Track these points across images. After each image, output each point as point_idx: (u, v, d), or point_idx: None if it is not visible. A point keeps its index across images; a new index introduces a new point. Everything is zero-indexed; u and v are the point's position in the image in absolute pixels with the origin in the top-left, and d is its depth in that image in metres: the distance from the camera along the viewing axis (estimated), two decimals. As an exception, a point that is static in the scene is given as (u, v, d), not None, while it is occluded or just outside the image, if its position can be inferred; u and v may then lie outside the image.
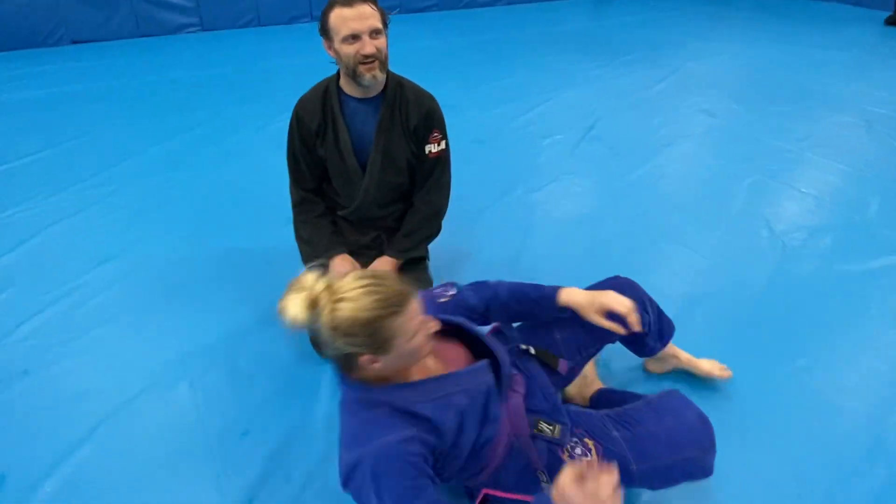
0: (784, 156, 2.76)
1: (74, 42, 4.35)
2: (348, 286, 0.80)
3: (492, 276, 1.18)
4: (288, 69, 3.89)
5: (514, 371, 1.04)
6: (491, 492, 0.98)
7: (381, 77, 1.33)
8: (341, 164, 1.44)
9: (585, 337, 1.13)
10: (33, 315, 1.62)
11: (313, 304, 0.79)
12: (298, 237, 1.55)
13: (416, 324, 0.83)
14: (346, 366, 0.86)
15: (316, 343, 1.39)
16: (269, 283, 1.68)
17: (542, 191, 2.37)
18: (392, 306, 0.79)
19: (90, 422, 1.30)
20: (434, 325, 0.88)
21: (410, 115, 1.41)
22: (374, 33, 1.28)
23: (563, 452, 0.97)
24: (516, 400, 1.00)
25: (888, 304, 1.75)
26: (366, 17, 1.25)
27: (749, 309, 1.72)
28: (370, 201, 1.48)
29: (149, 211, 2.16)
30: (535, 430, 0.99)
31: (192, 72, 3.80)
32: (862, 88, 3.72)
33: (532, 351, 1.10)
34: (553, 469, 0.92)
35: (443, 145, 1.47)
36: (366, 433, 0.81)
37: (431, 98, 1.46)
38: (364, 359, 0.82)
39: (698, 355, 1.42)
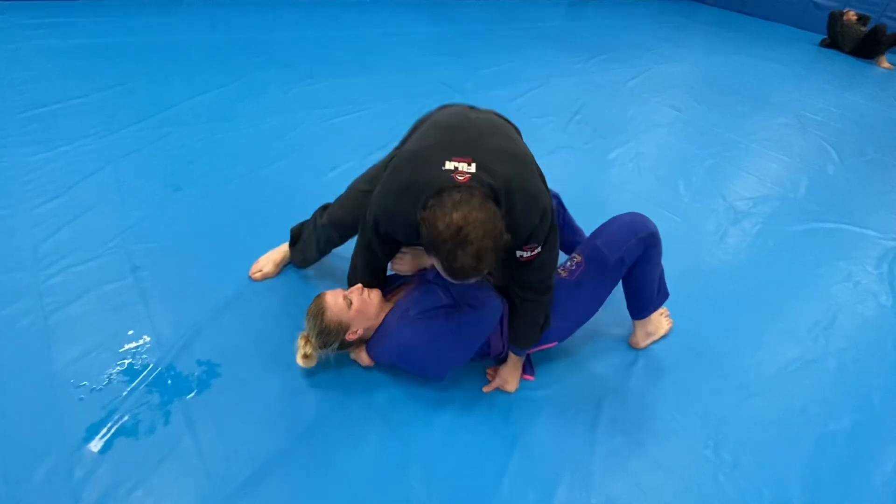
0: (736, 145, 3.31)
1: (79, -3, 4.41)
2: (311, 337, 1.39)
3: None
4: (301, 40, 4.14)
5: None
6: None
7: None
8: None
9: None
10: (124, 229, 1.88)
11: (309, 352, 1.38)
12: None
13: (345, 306, 1.35)
14: (347, 346, 1.41)
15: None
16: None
17: (541, 160, 2.77)
18: (326, 322, 1.35)
19: (215, 301, 1.61)
20: (357, 289, 1.40)
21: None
22: None
23: (563, 270, 1.48)
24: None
25: (808, 254, 2.29)
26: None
27: (709, 254, 2.22)
28: None
29: (206, 150, 2.42)
30: None
31: (205, 35, 3.97)
32: (799, 97, 4.38)
33: None
34: None
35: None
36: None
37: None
38: (348, 336, 1.37)
39: (673, 280, 1.87)
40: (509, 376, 1.46)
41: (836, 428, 1.51)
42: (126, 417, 1.27)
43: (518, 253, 1.28)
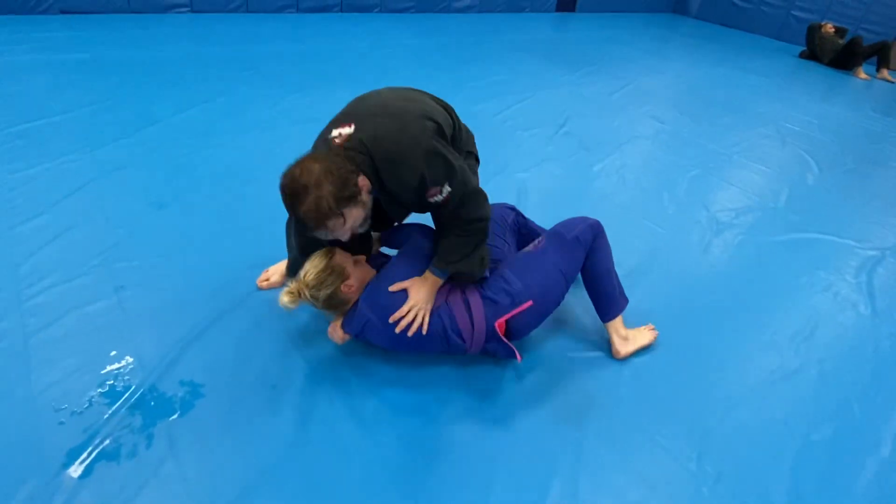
0: (718, 156, 3.36)
1: (63, 12, 4.40)
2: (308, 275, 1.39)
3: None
4: (289, 54, 4.15)
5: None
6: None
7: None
8: None
9: None
10: (107, 248, 1.87)
11: (298, 295, 1.37)
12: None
13: (351, 262, 1.44)
14: (333, 305, 1.43)
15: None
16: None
17: (528, 172, 2.82)
18: (332, 263, 1.40)
19: (185, 331, 1.60)
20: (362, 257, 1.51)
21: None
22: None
23: (533, 246, 1.59)
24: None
25: (789, 264, 2.33)
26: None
27: (693, 265, 2.24)
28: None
29: (190, 167, 2.42)
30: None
31: (192, 49, 3.98)
32: (779, 108, 4.47)
33: None
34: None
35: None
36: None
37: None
38: (343, 287, 1.40)
39: (657, 291, 1.89)
40: (420, 284, 1.42)
41: (817, 438, 1.52)
42: (107, 441, 1.25)
43: (431, 200, 1.32)
